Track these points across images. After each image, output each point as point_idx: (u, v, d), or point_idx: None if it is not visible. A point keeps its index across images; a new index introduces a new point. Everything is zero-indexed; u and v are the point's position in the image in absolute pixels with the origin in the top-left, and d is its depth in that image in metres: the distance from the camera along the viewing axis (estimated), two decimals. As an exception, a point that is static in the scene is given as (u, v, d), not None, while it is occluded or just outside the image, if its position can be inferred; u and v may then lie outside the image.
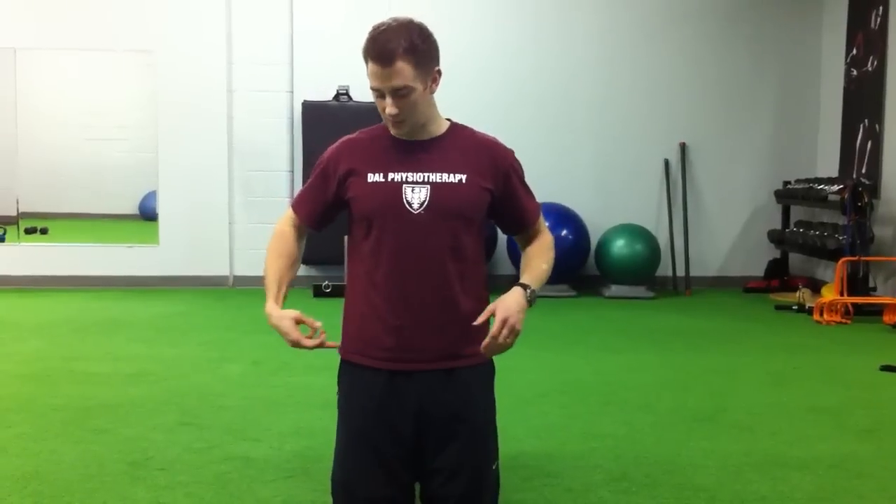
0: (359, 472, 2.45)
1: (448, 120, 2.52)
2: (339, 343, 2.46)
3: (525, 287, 2.41)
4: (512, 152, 2.55)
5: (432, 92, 2.41)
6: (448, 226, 2.40)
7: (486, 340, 2.31)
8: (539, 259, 2.55)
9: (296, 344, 2.39)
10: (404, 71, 2.31)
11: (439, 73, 2.42)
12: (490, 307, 2.36)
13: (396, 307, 2.39)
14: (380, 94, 2.35)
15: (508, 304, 2.34)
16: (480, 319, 2.34)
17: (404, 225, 2.39)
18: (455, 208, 2.41)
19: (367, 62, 2.37)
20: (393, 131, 2.42)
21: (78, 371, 5.18)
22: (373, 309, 2.42)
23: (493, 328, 2.30)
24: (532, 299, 2.41)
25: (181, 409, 4.41)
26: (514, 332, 2.31)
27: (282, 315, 2.40)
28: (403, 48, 2.31)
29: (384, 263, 2.40)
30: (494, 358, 2.57)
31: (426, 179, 2.40)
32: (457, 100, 4.06)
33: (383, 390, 2.43)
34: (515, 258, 6.01)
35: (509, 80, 8.68)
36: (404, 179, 2.40)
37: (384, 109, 2.36)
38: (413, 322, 2.40)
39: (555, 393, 4.86)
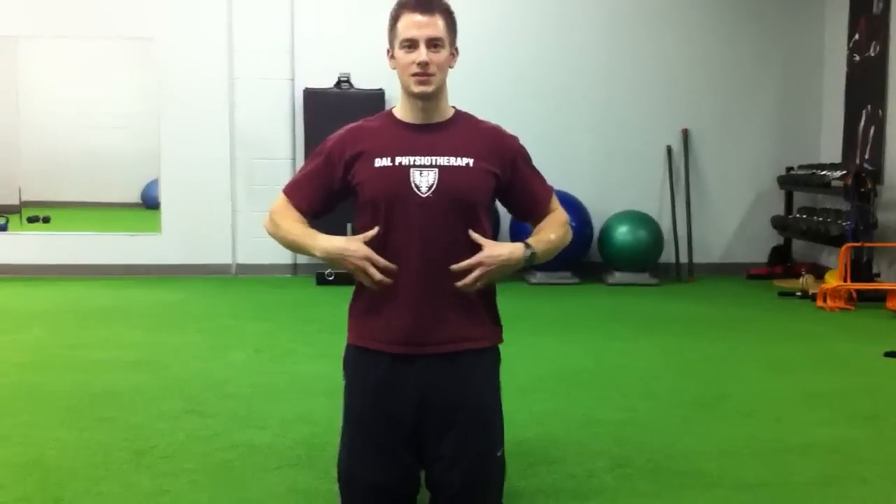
0: (361, 457, 2.46)
1: (453, 107, 2.54)
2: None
3: (527, 246, 2.43)
4: (516, 138, 2.57)
5: (451, 66, 2.45)
6: (456, 209, 2.41)
7: (464, 263, 2.35)
8: (548, 230, 2.55)
9: (366, 258, 2.34)
10: (441, 24, 2.39)
11: (457, 50, 2.46)
12: (486, 242, 2.40)
13: (404, 291, 2.40)
14: (412, 45, 2.38)
15: (498, 252, 2.38)
16: (476, 237, 2.39)
17: (412, 209, 2.39)
18: (463, 192, 2.42)
19: (397, 20, 2.41)
20: (416, 91, 2.41)
21: (81, 359, 5.19)
22: (381, 293, 2.42)
23: (473, 260, 2.35)
24: (531, 260, 2.44)
25: (185, 396, 4.41)
26: (480, 278, 2.36)
27: (345, 237, 2.40)
28: (442, 7, 2.41)
29: (392, 248, 2.40)
30: (499, 345, 2.58)
31: (434, 163, 2.41)
32: (458, 87, 4.03)
33: (384, 375, 2.44)
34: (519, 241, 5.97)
35: (511, 68, 8.65)
36: (412, 163, 2.41)
37: (412, 62, 2.37)
38: (420, 306, 2.41)
39: (557, 379, 4.86)
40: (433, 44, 2.37)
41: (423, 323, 2.42)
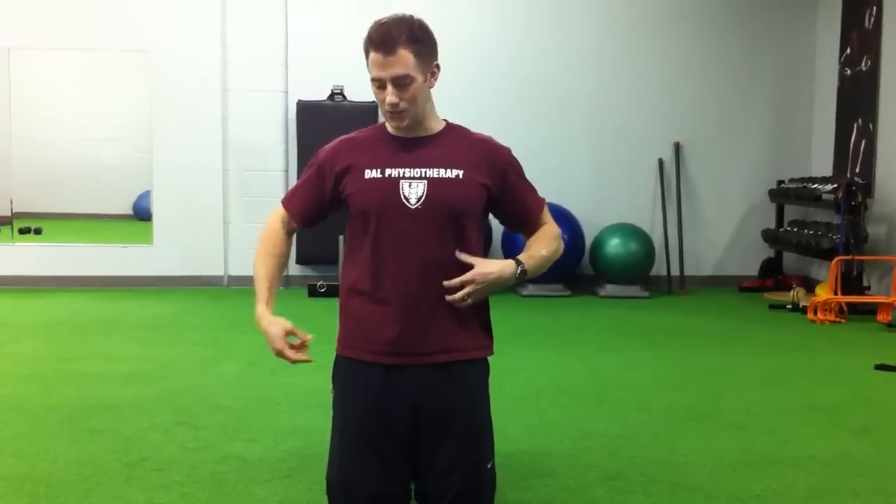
0: (357, 468, 2.45)
1: (444, 120, 2.54)
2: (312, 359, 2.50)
3: (518, 263, 2.45)
4: (508, 149, 2.57)
5: (431, 86, 2.43)
6: (446, 221, 2.41)
7: (456, 280, 2.37)
8: (539, 245, 2.56)
9: (279, 354, 2.45)
10: (406, 59, 2.32)
11: (438, 67, 2.44)
12: (476, 260, 2.41)
13: (395, 303, 2.40)
14: (380, 84, 2.36)
15: (489, 270, 2.40)
16: (464, 258, 2.40)
17: (402, 220, 2.39)
18: (452, 203, 2.42)
19: (367, 54, 2.37)
20: (392, 125, 2.43)
21: (73, 371, 5.18)
22: (371, 304, 2.42)
23: (464, 277, 2.37)
24: (522, 276, 2.46)
25: (177, 409, 4.40)
26: (471, 295, 2.39)
27: (272, 321, 2.46)
28: (405, 37, 2.33)
29: (382, 259, 2.40)
30: (489, 358, 2.58)
31: (423, 175, 2.41)
32: (453, 100, 4.08)
33: (380, 385, 2.44)
34: (510, 255, 6.01)
35: (505, 81, 8.68)
36: (402, 175, 2.40)
37: (384, 101, 2.37)
38: (412, 317, 2.40)
39: (550, 392, 4.86)
40: (399, 83, 2.33)
41: (414, 333, 2.42)
